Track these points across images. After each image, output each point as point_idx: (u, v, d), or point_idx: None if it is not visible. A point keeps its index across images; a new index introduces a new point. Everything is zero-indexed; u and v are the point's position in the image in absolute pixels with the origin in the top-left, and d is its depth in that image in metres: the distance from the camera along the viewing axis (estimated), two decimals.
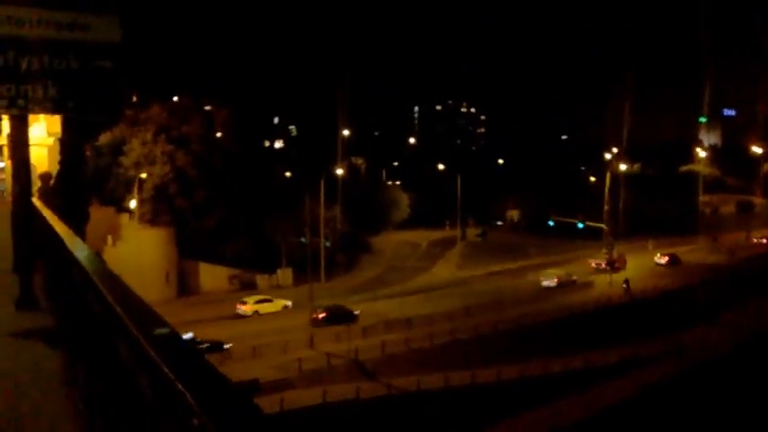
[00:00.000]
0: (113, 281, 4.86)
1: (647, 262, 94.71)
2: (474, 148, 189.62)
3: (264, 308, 72.38)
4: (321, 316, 66.95)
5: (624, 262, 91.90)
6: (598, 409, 52.27)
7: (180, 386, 2.60)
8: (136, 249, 73.32)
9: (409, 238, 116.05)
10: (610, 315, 71.24)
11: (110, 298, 4.24)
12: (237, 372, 44.55)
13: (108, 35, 11.19)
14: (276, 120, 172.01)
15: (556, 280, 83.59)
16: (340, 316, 67.19)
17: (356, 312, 69.08)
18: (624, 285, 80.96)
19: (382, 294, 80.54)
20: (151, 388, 3.07)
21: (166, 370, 2.78)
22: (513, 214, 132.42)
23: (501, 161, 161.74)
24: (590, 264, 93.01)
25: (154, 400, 3.03)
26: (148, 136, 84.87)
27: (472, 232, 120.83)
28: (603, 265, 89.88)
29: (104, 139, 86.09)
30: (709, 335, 67.89)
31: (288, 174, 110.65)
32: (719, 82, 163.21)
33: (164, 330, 3.32)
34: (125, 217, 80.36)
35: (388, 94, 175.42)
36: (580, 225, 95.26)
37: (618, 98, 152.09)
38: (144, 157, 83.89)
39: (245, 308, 71.79)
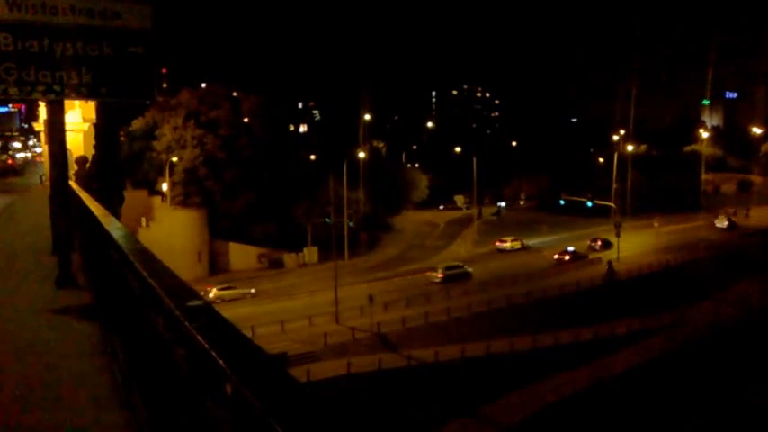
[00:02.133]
0: (149, 258, 4.80)
1: (652, 239, 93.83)
2: (488, 131, 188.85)
3: (515, 244, 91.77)
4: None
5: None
6: (606, 379, 52.07)
7: (213, 353, 2.52)
8: (168, 230, 73.70)
9: (428, 218, 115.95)
10: (616, 290, 70.88)
11: (146, 273, 4.18)
12: (264, 346, 44.73)
13: (139, 22, 11.10)
14: (300, 105, 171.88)
15: (726, 223, 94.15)
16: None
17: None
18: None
19: (403, 271, 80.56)
20: (186, 357, 3.00)
21: (200, 339, 2.71)
22: (460, 199, 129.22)
23: (514, 143, 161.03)
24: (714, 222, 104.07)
25: (188, 368, 2.95)
26: (179, 121, 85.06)
27: (488, 211, 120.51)
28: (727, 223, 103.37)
29: (137, 124, 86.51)
30: (711, 309, 67.29)
31: (312, 157, 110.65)
32: (722, 65, 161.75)
33: (197, 302, 3.25)
34: (157, 199, 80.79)
35: (407, 80, 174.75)
36: (589, 204, 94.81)
37: (625, 82, 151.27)
38: (175, 142, 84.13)
39: (505, 245, 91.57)
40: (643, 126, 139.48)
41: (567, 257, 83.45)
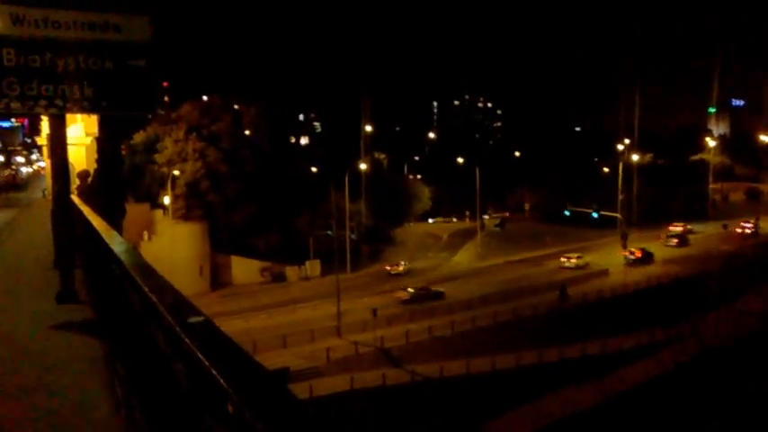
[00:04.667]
0: (150, 273, 4.81)
1: (660, 250, 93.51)
2: (491, 141, 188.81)
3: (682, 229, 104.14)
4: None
5: None
6: (613, 394, 51.91)
7: (214, 371, 2.53)
8: (170, 244, 73.70)
9: (431, 230, 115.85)
10: (625, 302, 70.52)
11: (146, 288, 4.20)
12: (266, 362, 44.60)
13: (139, 35, 11.18)
14: (302, 117, 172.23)
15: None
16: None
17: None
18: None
19: (405, 284, 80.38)
20: (187, 375, 3.01)
21: (201, 356, 2.72)
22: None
23: (517, 153, 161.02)
24: None
25: (189, 386, 2.97)
26: (180, 134, 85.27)
27: (491, 222, 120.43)
28: None
29: (139, 137, 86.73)
30: (720, 322, 67.05)
31: (314, 169, 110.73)
32: (728, 72, 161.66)
33: (198, 318, 3.26)
34: (159, 213, 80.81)
35: (408, 91, 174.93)
36: (595, 214, 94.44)
37: (629, 90, 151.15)
38: (176, 155, 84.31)
39: (677, 229, 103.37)
40: (649, 135, 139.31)
41: None
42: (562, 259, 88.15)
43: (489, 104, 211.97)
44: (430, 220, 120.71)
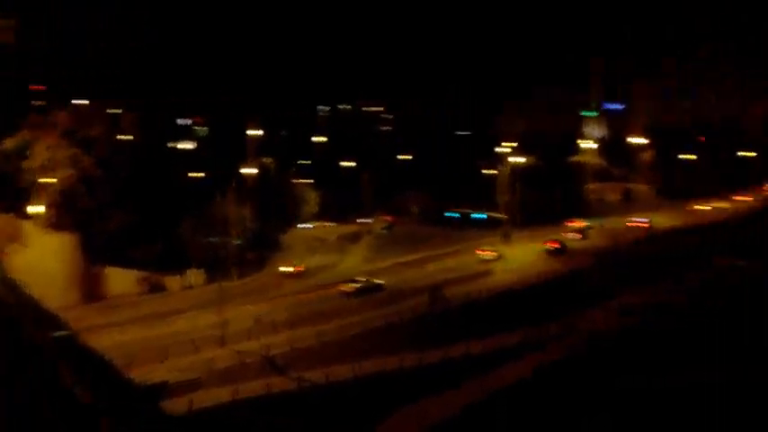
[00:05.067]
0: (12, 286, 4.67)
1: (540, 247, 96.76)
2: (381, 146, 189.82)
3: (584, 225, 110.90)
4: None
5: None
6: (497, 391, 52.89)
7: (79, 388, 2.49)
8: (40, 255, 71.34)
9: (319, 234, 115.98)
10: (505, 301, 72.31)
11: (6, 302, 4.07)
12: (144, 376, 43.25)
13: (2, 37, 10.75)
14: (186, 121, 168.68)
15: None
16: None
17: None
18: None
19: (295, 289, 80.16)
20: (50, 392, 2.95)
21: (66, 372, 2.67)
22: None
23: (406, 157, 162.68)
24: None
25: (51, 404, 2.91)
26: (53, 140, 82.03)
27: (379, 225, 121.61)
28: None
29: (8, 143, 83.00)
30: (601, 316, 69.48)
31: (199, 174, 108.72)
32: (609, 77, 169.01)
33: (63, 333, 3.20)
34: (29, 223, 77.45)
35: (296, 95, 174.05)
36: (479, 215, 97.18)
37: (514, 95, 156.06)
38: (48, 161, 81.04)
39: (574, 225, 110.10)
40: (532, 138, 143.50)
41: None
42: (478, 252, 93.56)
43: (380, 109, 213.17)
44: (309, 225, 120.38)
